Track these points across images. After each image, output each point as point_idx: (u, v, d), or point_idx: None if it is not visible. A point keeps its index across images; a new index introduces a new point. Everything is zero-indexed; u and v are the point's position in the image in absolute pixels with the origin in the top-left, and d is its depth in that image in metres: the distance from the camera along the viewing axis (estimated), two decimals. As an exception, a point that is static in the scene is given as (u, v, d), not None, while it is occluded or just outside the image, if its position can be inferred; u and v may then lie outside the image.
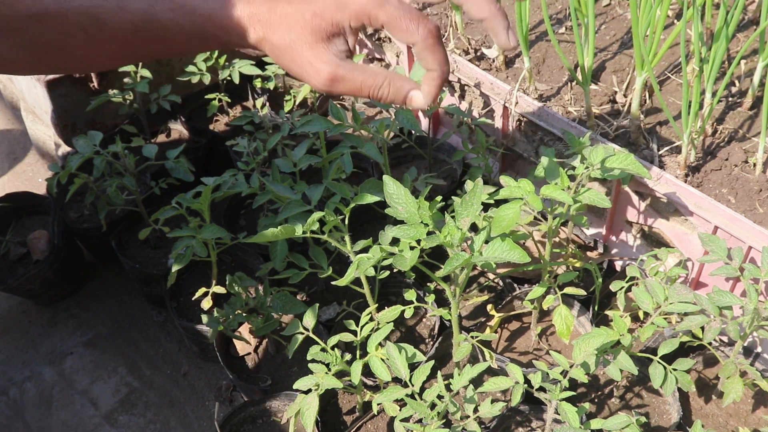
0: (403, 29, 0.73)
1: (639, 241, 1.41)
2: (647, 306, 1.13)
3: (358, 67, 0.76)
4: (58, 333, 1.70)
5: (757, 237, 1.16)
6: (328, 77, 0.75)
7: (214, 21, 0.75)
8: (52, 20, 0.73)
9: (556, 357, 1.05)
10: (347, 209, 1.15)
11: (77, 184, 1.48)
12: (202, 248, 1.30)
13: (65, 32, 0.74)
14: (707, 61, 1.23)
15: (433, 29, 0.74)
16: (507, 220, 0.95)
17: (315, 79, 0.76)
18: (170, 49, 0.79)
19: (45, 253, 1.64)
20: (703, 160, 1.31)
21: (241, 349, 1.43)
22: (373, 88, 0.77)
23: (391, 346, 1.09)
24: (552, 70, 1.51)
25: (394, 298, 1.47)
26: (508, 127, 1.49)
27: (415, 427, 1.04)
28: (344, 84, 0.76)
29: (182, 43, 0.78)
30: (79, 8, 0.73)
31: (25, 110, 1.93)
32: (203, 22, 0.75)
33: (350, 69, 0.75)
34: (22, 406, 1.57)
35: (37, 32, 0.74)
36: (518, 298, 1.37)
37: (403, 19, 0.73)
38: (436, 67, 0.76)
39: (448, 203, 1.32)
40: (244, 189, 1.33)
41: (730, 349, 1.24)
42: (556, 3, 1.67)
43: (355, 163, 1.66)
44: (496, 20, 0.77)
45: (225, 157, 1.77)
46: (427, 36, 0.74)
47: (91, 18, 0.74)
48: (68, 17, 0.73)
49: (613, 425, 0.99)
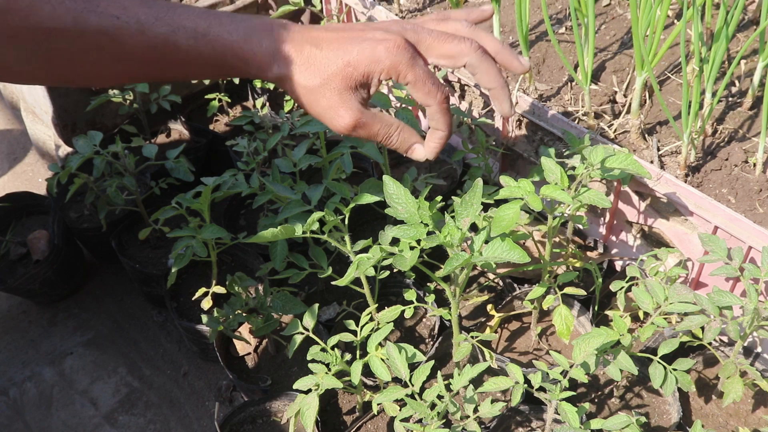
0: (425, 92, 0.81)
1: (639, 241, 1.41)
2: (647, 306, 1.13)
3: (376, 116, 0.82)
4: (58, 333, 1.70)
5: (757, 237, 1.16)
6: (352, 124, 0.80)
7: (236, 53, 0.76)
8: (68, 36, 0.72)
9: (556, 357, 1.05)
10: (347, 209, 1.15)
11: (77, 184, 1.48)
12: (202, 248, 1.30)
13: (80, 49, 0.73)
14: (707, 61, 1.23)
15: (447, 95, 0.83)
16: (507, 220, 0.95)
17: (338, 123, 0.80)
18: (187, 74, 0.80)
19: (45, 253, 1.64)
20: (703, 160, 1.31)
21: (241, 349, 1.43)
22: (386, 136, 0.85)
23: (391, 346, 1.09)
24: (552, 70, 1.51)
25: (394, 298, 1.47)
26: (508, 127, 1.49)
27: (415, 427, 1.04)
28: (363, 130, 0.82)
29: (200, 70, 0.78)
30: (98, 27, 0.72)
31: (25, 110, 1.93)
32: (224, 52, 0.76)
33: (370, 117, 0.82)
34: (22, 406, 1.57)
35: (50, 46, 0.72)
36: (518, 298, 1.37)
37: (427, 82, 0.80)
38: (444, 128, 0.85)
39: (448, 203, 1.32)
40: (244, 189, 1.33)
41: (730, 349, 1.24)
42: (556, 3, 1.67)
43: (355, 163, 1.66)
44: (504, 91, 0.86)
45: (225, 157, 1.77)
46: (443, 101, 0.82)
47: (109, 37, 0.73)
48: (86, 35, 0.72)
49: (613, 425, 0.99)
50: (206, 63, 0.77)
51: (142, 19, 0.73)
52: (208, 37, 0.75)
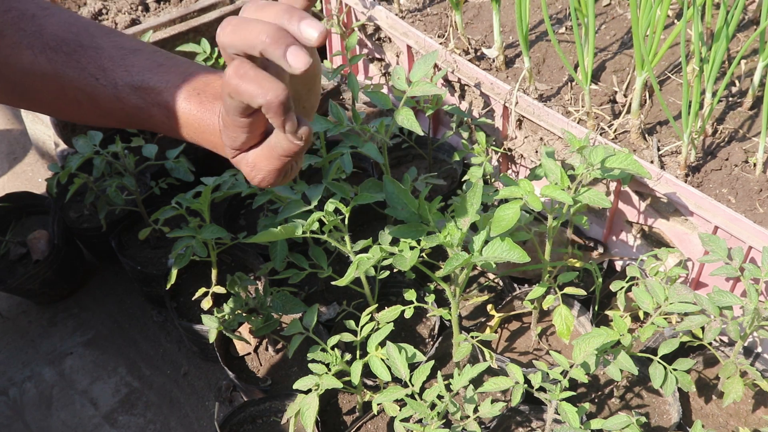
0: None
1: (639, 241, 1.41)
2: (647, 306, 1.13)
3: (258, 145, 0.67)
4: (58, 333, 1.70)
5: (757, 237, 1.16)
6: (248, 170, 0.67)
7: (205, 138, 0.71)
8: (48, 84, 0.71)
9: (556, 357, 1.05)
10: (347, 209, 1.14)
11: (77, 184, 1.48)
12: (202, 248, 1.30)
13: (59, 97, 0.72)
14: (707, 61, 1.23)
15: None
16: (507, 220, 0.95)
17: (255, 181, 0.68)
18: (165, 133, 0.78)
19: (45, 253, 1.64)
20: (703, 160, 1.31)
21: (241, 349, 1.43)
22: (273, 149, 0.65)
23: (391, 346, 1.09)
24: (552, 70, 1.51)
25: (394, 298, 1.47)
26: (508, 127, 1.49)
27: (415, 427, 1.04)
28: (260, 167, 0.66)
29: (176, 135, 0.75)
30: (76, 83, 0.71)
31: (24, 110, 1.93)
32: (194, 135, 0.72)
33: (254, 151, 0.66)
34: (22, 406, 1.57)
35: (29, 88, 0.72)
36: (518, 298, 1.37)
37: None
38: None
39: (448, 203, 1.32)
40: (244, 189, 1.33)
41: (730, 349, 1.24)
42: (556, 3, 1.67)
43: (355, 163, 1.66)
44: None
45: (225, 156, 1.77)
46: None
47: (87, 95, 0.72)
48: (65, 89, 0.71)
49: (613, 425, 0.99)
50: (182, 136, 0.74)
51: (118, 85, 0.71)
52: (180, 120, 0.71)
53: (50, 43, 0.71)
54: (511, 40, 1.59)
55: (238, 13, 0.60)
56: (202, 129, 0.71)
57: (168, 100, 0.70)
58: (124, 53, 0.72)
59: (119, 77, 0.71)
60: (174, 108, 0.70)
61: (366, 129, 1.27)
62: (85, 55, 0.71)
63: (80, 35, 0.72)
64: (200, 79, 0.71)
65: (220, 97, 0.69)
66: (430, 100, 1.54)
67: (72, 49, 0.71)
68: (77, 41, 0.72)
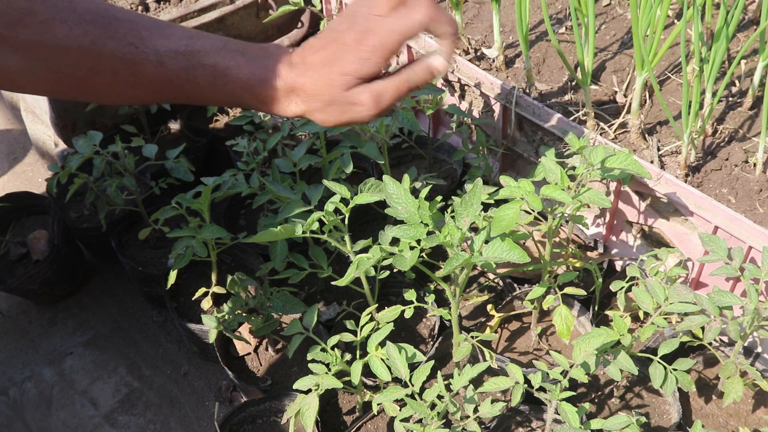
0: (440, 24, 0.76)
1: (639, 241, 1.41)
2: (647, 306, 1.13)
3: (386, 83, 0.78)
4: (58, 333, 1.70)
5: (757, 237, 1.16)
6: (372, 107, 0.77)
7: (254, 94, 0.78)
8: (82, 57, 0.72)
9: (556, 357, 1.05)
10: (347, 209, 1.14)
11: (77, 184, 1.48)
12: (202, 248, 1.30)
13: (94, 70, 0.73)
14: (707, 61, 1.23)
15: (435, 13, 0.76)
16: (507, 220, 0.95)
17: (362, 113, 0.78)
18: (199, 102, 0.81)
19: (45, 253, 1.64)
20: (703, 160, 1.31)
21: (241, 349, 1.43)
22: (407, 84, 0.78)
23: (391, 346, 1.09)
24: (552, 70, 1.51)
25: (394, 298, 1.47)
26: (508, 127, 1.49)
27: (415, 427, 1.04)
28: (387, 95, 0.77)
29: (214, 101, 0.80)
30: (114, 53, 0.72)
31: (25, 110, 1.93)
32: (242, 92, 0.78)
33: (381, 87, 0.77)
34: (22, 406, 1.57)
35: (61, 63, 0.72)
36: (518, 298, 1.37)
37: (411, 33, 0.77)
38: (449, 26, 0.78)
39: (448, 203, 1.32)
40: (244, 189, 1.33)
41: (730, 349, 1.24)
42: (556, 3, 1.67)
43: (355, 163, 1.66)
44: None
45: (225, 157, 1.77)
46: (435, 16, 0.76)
47: (126, 64, 0.73)
48: (101, 58, 0.72)
49: (613, 425, 0.99)
50: (223, 98, 0.79)
51: (161, 51, 0.74)
52: (227, 78, 0.76)
53: (85, 16, 0.72)
54: (511, 40, 1.59)
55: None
56: (252, 83, 0.77)
57: (216, 60, 0.76)
58: (160, 24, 0.76)
59: (160, 44, 0.74)
60: (222, 66, 0.76)
61: (366, 129, 1.28)
62: (121, 27, 0.73)
63: (112, 9, 0.75)
64: (239, 43, 0.78)
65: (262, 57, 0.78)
66: (430, 100, 1.54)
67: (107, 21, 0.73)
68: (111, 15, 0.74)
